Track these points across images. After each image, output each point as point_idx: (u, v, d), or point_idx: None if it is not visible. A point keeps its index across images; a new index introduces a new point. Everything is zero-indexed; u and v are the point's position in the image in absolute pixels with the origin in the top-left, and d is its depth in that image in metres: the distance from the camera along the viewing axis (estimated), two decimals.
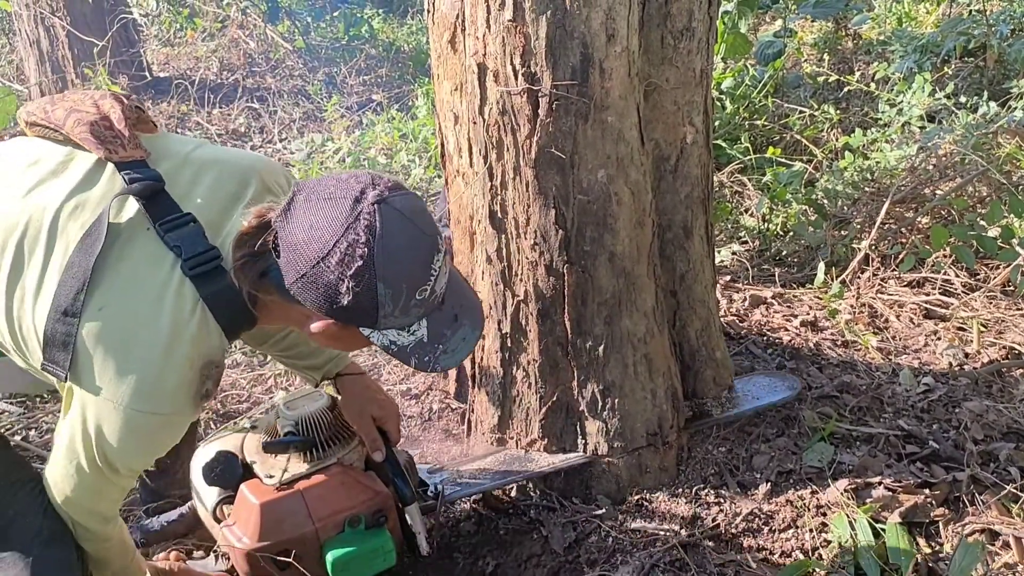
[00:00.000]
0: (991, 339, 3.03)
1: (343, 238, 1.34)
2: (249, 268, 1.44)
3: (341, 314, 1.40)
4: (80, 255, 1.43)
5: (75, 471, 1.52)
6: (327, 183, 1.41)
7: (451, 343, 1.51)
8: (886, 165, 3.97)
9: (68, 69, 6.23)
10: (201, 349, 1.47)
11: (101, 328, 1.41)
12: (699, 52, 2.20)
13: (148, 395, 1.43)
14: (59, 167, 1.53)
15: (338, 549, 1.82)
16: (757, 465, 2.36)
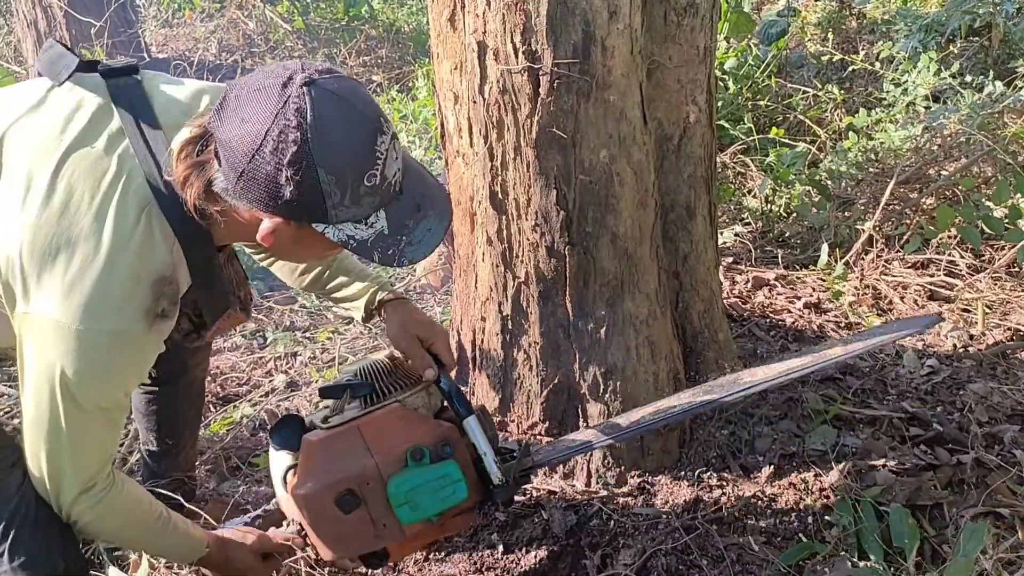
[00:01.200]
0: (996, 320, 3.01)
1: (273, 125, 1.29)
2: (194, 179, 1.39)
3: (288, 209, 1.35)
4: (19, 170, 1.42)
5: (44, 420, 1.47)
6: (256, 76, 1.36)
7: (416, 234, 1.45)
8: (890, 145, 3.93)
9: None
10: (147, 262, 1.42)
11: (41, 245, 1.37)
12: (702, 29, 2.17)
13: (95, 310, 1.38)
14: (16, 99, 1.52)
15: (400, 480, 1.72)
16: (760, 448, 2.35)
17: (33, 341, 1.42)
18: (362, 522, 1.73)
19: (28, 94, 1.51)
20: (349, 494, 1.70)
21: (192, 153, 1.39)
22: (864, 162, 3.93)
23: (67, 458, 1.52)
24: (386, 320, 1.96)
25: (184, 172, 1.39)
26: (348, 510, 1.71)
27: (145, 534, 1.70)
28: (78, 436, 1.50)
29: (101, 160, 1.42)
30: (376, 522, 1.74)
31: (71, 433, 1.48)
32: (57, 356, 1.40)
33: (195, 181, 1.39)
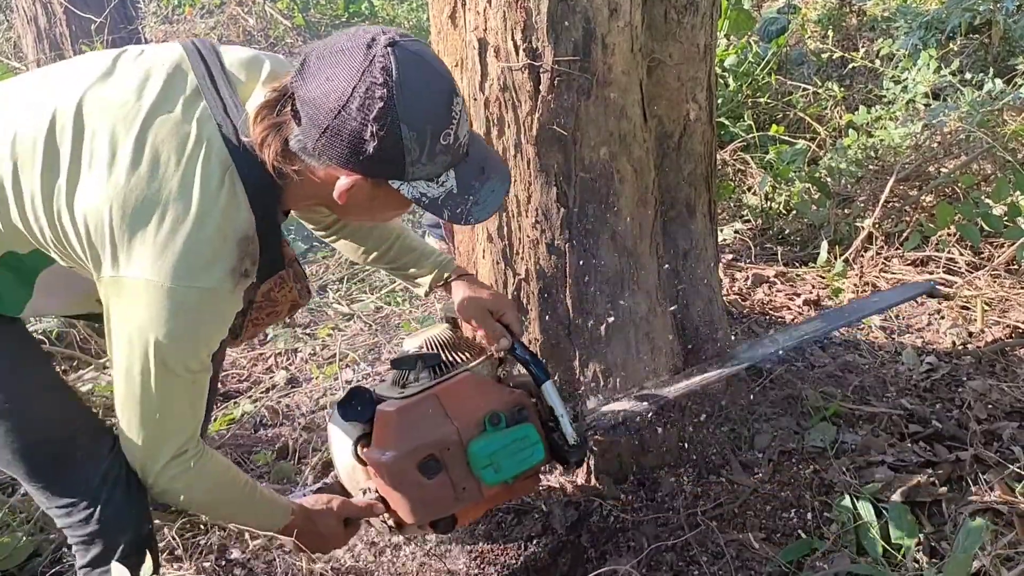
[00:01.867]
0: (995, 318, 3.01)
1: (360, 82, 1.34)
2: (272, 139, 1.43)
3: (369, 165, 1.40)
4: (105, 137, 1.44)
5: (136, 385, 1.49)
6: (337, 38, 1.40)
7: (481, 194, 1.51)
8: (890, 143, 3.93)
9: (66, 46, 6.20)
10: (232, 221, 1.46)
11: (131, 209, 1.40)
12: (703, 27, 2.17)
13: (187, 269, 1.42)
14: (81, 71, 1.54)
15: (481, 443, 1.78)
16: (759, 445, 2.36)
17: (123, 304, 1.45)
18: (444, 486, 1.79)
19: (95, 64, 1.53)
20: (431, 459, 1.76)
21: (268, 115, 1.44)
22: (864, 159, 3.93)
23: (158, 424, 1.55)
24: (454, 294, 2.00)
25: (262, 133, 1.43)
26: (430, 475, 1.76)
27: (231, 502, 1.72)
28: (169, 401, 1.53)
29: (181, 125, 1.45)
30: (456, 486, 1.80)
31: (162, 398, 1.51)
32: (148, 316, 1.43)
33: (273, 141, 1.43)
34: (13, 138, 1.45)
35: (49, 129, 1.45)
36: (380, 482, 1.81)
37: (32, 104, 1.49)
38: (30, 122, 1.46)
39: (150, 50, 1.56)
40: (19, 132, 1.46)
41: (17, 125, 1.46)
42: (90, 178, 1.42)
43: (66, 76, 1.53)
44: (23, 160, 1.45)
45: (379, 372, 2.98)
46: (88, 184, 1.42)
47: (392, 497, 1.81)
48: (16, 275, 1.56)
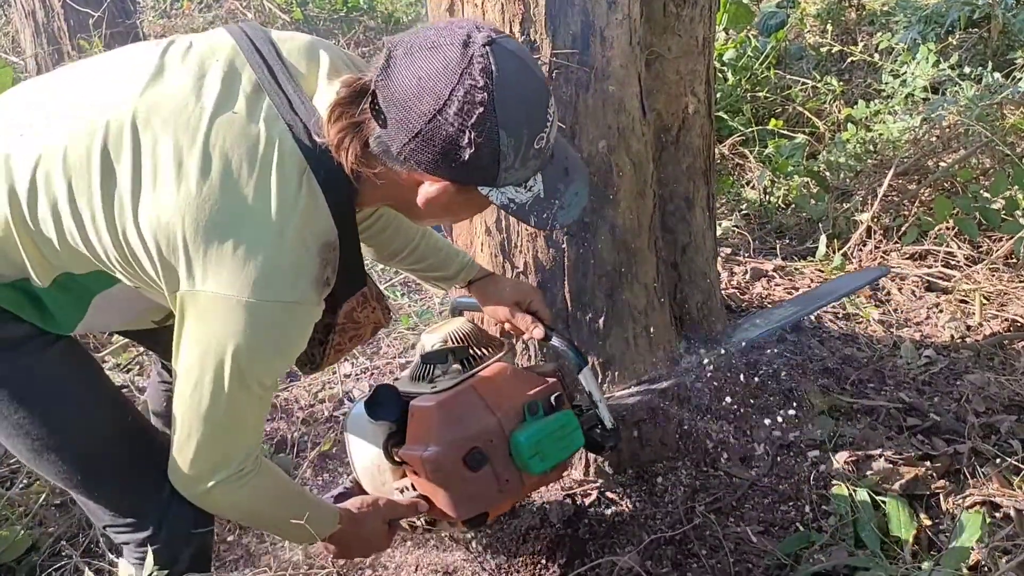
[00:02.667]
0: (993, 311, 3.02)
1: (459, 85, 1.23)
2: (351, 141, 1.33)
3: (460, 172, 1.31)
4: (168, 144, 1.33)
5: (204, 403, 1.40)
6: (425, 34, 1.29)
7: (566, 198, 1.43)
8: (889, 137, 3.93)
9: (64, 41, 6.17)
10: (313, 227, 1.37)
11: (205, 221, 1.30)
12: (701, 20, 2.17)
13: (268, 281, 1.32)
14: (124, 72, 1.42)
15: (526, 433, 1.74)
16: (758, 438, 2.36)
17: (200, 319, 1.36)
18: (488, 479, 1.74)
19: (142, 63, 1.41)
20: (476, 451, 1.70)
21: (345, 114, 1.33)
22: (863, 154, 3.93)
23: (221, 441, 1.46)
24: (479, 295, 1.96)
25: (338, 135, 1.33)
26: (476, 468, 1.71)
27: (280, 516, 1.62)
28: (236, 417, 1.44)
29: (248, 126, 1.35)
30: (499, 478, 1.75)
31: (230, 414, 1.42)
32: (228, 333, 1.34)
33: (352, 143, 1.33)
34: (64, 154, 1.34)
35: (103, 142, 1.33)
36: (421, 479, 1.75)
37: (78, 115, 1.37)
38: (80, 136, 1.34)
39: (198, 42, 1.44)
40: (70, 147, 1.34)
41: (66, 140, 1.35)
42: (157, 191, 1.32)
43: (112, 80, 1.41)
44: (78, 178, 1.34)
45: (378, 367, 2.99)
46: (155, 198, 1.32)
47: (436, 493, 1.75)
48: (71, 296, 1.47)
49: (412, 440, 1.75)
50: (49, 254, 1.38)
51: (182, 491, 1.50)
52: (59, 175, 1.33)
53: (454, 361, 1.84)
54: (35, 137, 1.36)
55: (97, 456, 1.55)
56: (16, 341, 1.45)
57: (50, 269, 1.41)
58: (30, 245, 1.37)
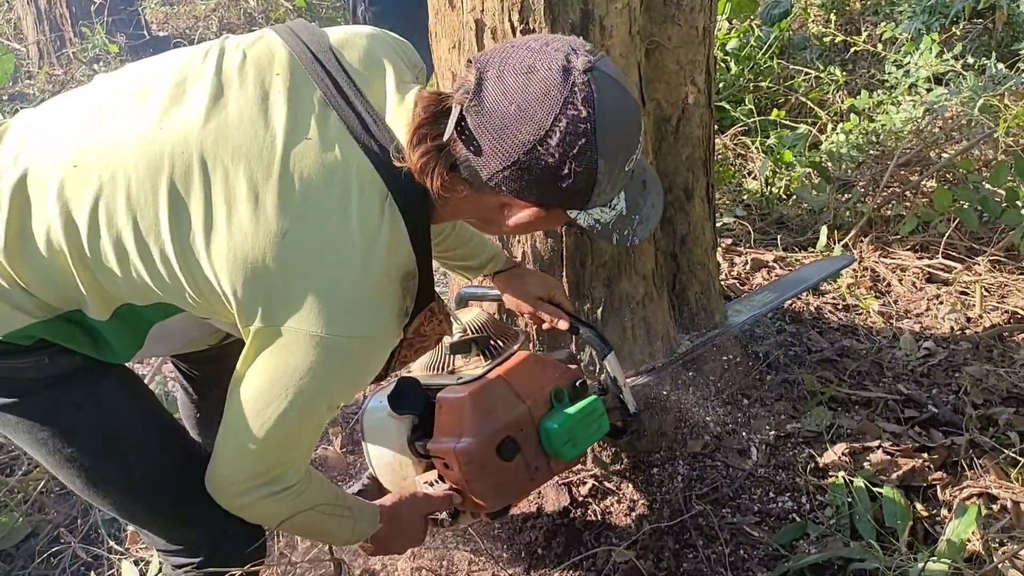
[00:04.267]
0: (993, 303, 3.01)
1: (561, 114, 1.19)
2: (435, 164, 1.27)
3: (553, 198, 1.28)
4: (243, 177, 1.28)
5: (267, 420, 1.35)
6: (518, 55, 1.24)
7: (643, 211, 1.42)
8: (891, 127, 3.92)
9: (66, 27, 6.18)
10: (396, 258, 1.33)
11: (287, 257, 1.26)
12: (702, 10, 2.16)
13: (350, 318, 1.29)
14: (176, 91, 1.35)
15: (557, 419, 1.74)
16: (755, 428, 2.36)
17: (273, 352, 1.31)
18: (520, 467, 1.74)
19: (198, 82, 1.35)
20: (509, 441, 1.70)
21: (428, 136, 1.27)
22: (865, 144, 3.92)
23: (277, 461, 1.42)
24: (503, 286, 1.96)
25: (422, 159, 1.27)
26: (509, 457, 1.70)
27: (324, 524, 1.58)
28: (295, 441, 1.41)
29: (323, 152, 1.29)
30: (530, 466, 1.75)
31: (290, 438, 1.39)
32: (304, 368, 1.30)
33: (437, 168, 1.27)
34: (127, 190, 1.28)
35: (170, 179, 1.28)
36: (452, 471, 1.73)
37: (138, 144, 1.30)
38: (143, 170, 1.29)
39: (251, 52, 1.37)
40: (132, 182, 1.28)
41: (129, 173, 1.29)
42: (232, 227, 1.26)
43: (167, 102, 1.34)
44: (143, 214, 1.28)
45: None
46: (231, 234, 1.26)
47: (469, 484, 1.72)
48: (129, 327, 1.43)
49: (441, 432, 1.73)
50: (109, 287, 1.34)
51: (219, 500, 1.46)
52: (122, 211, 1.28)
53: (476, 351, 1.83)
54: (92, 167, 1.30)
55: (151, 486, 1.52)
56: (66, 374, 1.41)
57: (110, 301, 1.37)
58: (87, 277, 1.32)
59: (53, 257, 1.30)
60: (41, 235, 1.30)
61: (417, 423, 1.79)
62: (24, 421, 1.42)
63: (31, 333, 1.35)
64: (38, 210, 1.30)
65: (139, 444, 1.50)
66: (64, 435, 1.43)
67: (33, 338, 1.36)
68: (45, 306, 1.35)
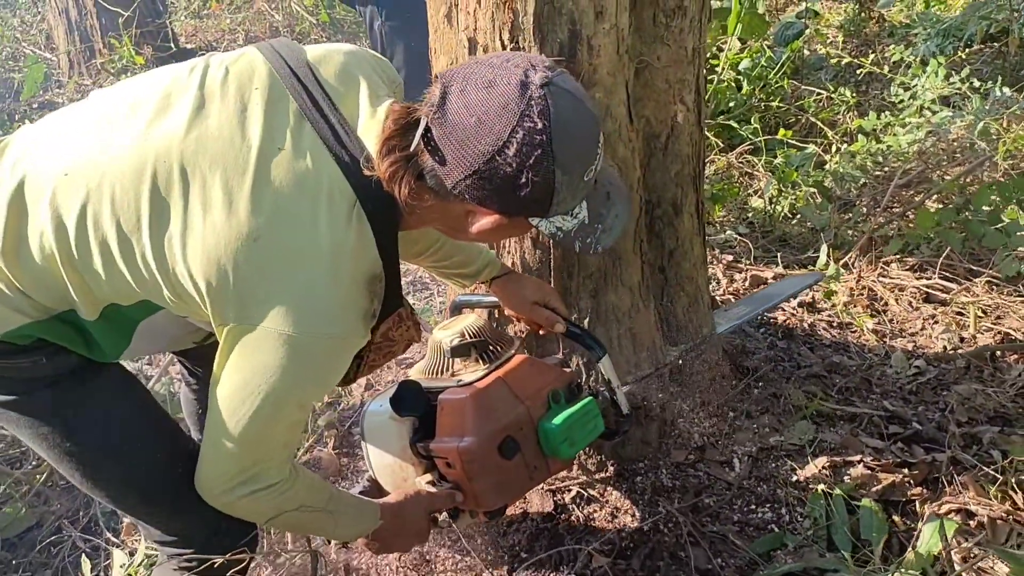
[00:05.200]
0: (988, 324, 3.03)
1: (518, 126, 1.26)
2: (403, 173, 1.34)
3: (514, 206, 1.35)
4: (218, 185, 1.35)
5: (240, 423, 1.41)
6: (479, 70, 1.31)
7: (607, 221, 1.48)
8: (897, 149, 3.95)
9: (96, 38, 6.34)
10: (362, 264, 1.41)
11: (258, 259, 1.33)
12: (691, 31, 2.22)
13: (317, 317, 1.35)
14: (161, 104, 1.43)
15: (555, 420, 1.81)
16: (739, 440, 2.40)
17: (244, 351, 1.37)
18: (520, 466, 1.81)
19: (181, 95, 1.43)
20: (510, 440, 1.77)
21: (396, 147, 1.35)
22: (871, 165, 3.95)
23: (254, 459, 1.47)
24: (500, 293, 2.03)
25: (390, 169, 1.34)
26: (510, 456, 1.77)
27: (315, 520, 1.64)
28: (270, 439, 1.46)
29: (296, 161, 1.37)
30: (529, 465, 1.82)
31: (265, 436, 1.45)
32: (273, 366, 1.36)
33: (405, 178, 1.35)
34: (112, 195, 1.36)
35: (152, 183, 1.36)
36: (454, 470, 1.79)
37: (123, 155, 1.38)
38: (128, 176, 1.36)
39: (233, 68, 1.46)
40: (117, 188, 1.36)
41: (114, 180, 1.37)
42: (206, 229, 1.34)
43: (153, 115, 1.42)
44: (127, 217, 1.36)
45: None
46: (204, 236, 1.34)
47: (471, 483, 1.78)
48: (116, 326, 1.50)
49: (444, 432, 1.79)
50: (95, 288, 1.41)
51: (207, 499, 1.52)
52: (107, 215, 1.36)
53: (475, 355, 1.90)
54: (81, 175, 1.38)
55: (147, 480, 1.60)
56: (64, 373, 1.49)
57: (96, 302, 1.44)
58: (76, 279, 1.40)
59: (45, 261, 1.38)
60: (35, 240, 1.38)
61: (418, 425, 1.85)
62: (25, 418, 1.50)
63: (28, 333, 1.43)
64: (33, 216, 1.38)
65: (135, 440, 1.57)
66: (64, 431, 1.51)
67: (31, 337, 1.44)
68: (41, 307, 1.43)
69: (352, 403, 2.89)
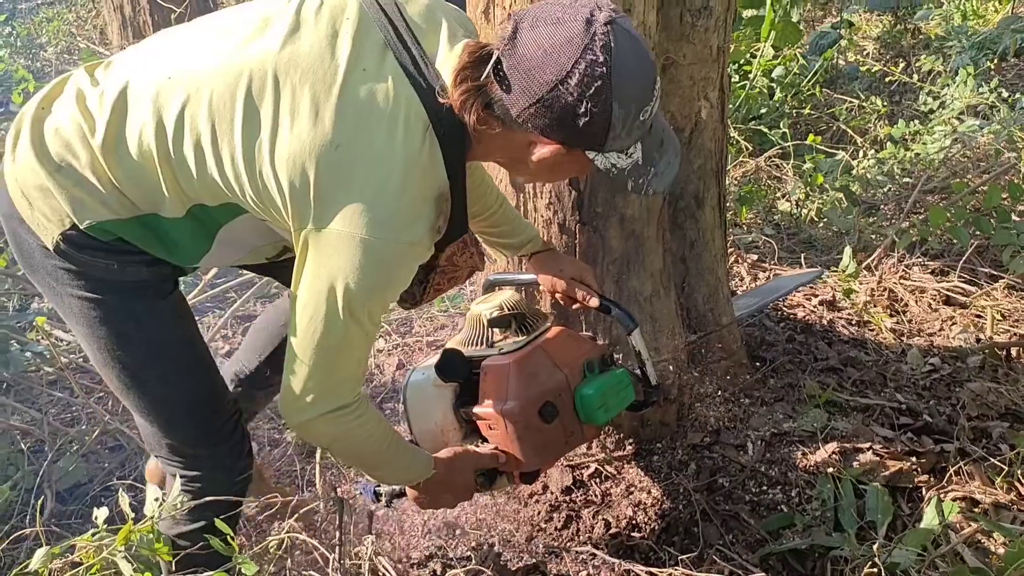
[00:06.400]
0: (1006, 327, 3.09)
1: (581, 59, 1.37)
2: (473, 101, 1.46)
3: (573, 136, 1.45)
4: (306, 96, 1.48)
5: (317, 334, 1.53)
6: (549, 9, 1.42)
7: (659, 166, 1.57)
8: (925, 156, 4.02)
9: (148, 34, 6.55)
10: (431, 180, 1.52)
11: (338, 165, 1.45)
12: (716, 30, 2.33)
13: (389, 223, 1.46)
14: (260, 25, 1.56)
15: (591, 387, 1.93)
16: (754, 425, 2.49)
17: (321, 254, 1.49)
18: (559, 430, 1.93)
19: (279, 19, 1.55)
20: (550, 405, 1.89)
21: (469, 78, 1.45)
22: (898, 172, 4.03)
23: (330, 373, 1.58)
24: (539, 267, 2.13)
25: (462, 96, 1.45)
26: (549, 420, 1.89)
27: (374, 456, 1.75)
28: (346, 350, 1.57)
29: (378, 83, 1.48)
30: (567, 430, 1.94)
31: (340, 346, 1.55)
32: (347, 267, 1.47)
33: (475, 105, 1.46)
34: (209, 98, 1.49)
35: (247, 90, 1.49)
36: (497, 431, 1.90)
37: (222, 63, 1.52)
38: (225, 83, 1.50)
39: (327, 2, 1.58)
40: (215, 93, 1.49)
41: (212, 85, 1.50)
42: (293, 133, 1.46)
43: (251, 33, 1.55)
44: (221, 120, 1.49)
45: (408, 343, 3.19)
46: (292, 139, 1.46)
47: (512, 444, 1.89)
48: (200, 227, 1.62)
49: (487, 397, 1.91)
50: (186, 186, 1.54)
51: (289, 420, 1.65)
52: (204, 116, 1.50)
53: (515, 326, 2.01)
54: (183, 80, 1.52)
55: (177, 406, 1.76)
56: (135, 285, 1.64)
57: (185, 200, 1.57)
58: (169, 174, 1.53)
59: (142, 157, 1.52)
60: (134, 137, 1.52)
61: (459, 391, 1.98)
62: (88, 316, 1.64)
63: (110, 229, 1.57)
64: (134, 113, 1.53)
65: (179, 367, 1.73)
66: (118, 339, 1.66)
67: (112, 235, 1.58)
68: (128, 205, 1.56)
69: (384, 380, 3.02)
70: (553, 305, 2.27)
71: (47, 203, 1.55)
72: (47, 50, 7.74)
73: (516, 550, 2.25)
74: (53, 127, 1.56)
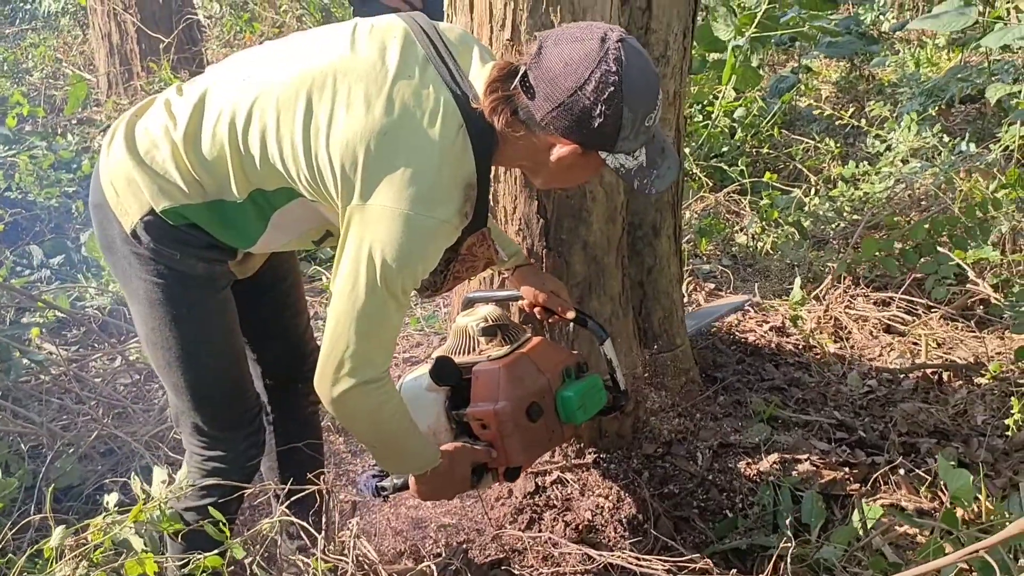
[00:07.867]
0: (940, 353, 3.34)
1: (597, 69, 1.61)
2: (502, 108, 1.70)
3: (588, 137, 1.68)
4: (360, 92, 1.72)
5: (357, 304, 1.72)
6: (569, 30, 1.69)
7: (660, 170, 1.80)
8: (872, 195, 4.31)
9: (135, 62, 6.72)
10: (462, 169, 1.74)
11: (384, 147, 1.68)
12: (673, 77, 2.57)
13: (425, 200, 1.68)
14: (320, 46, 1.83)
15: (571, 390, 2.14)
16: (703, 437, 2.71)
17: (363, 226, 1.71)
18: (543, 429, 2.14)
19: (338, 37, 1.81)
20: (535, 405, 2.10)
21: (499, 88, 1.70)
22: (847, 209, 4.31)
23: (368, 339, 1.76)
24: (522, 279, 2.31)
25: (492, 103, 1.70)
26: (535, 419, 2.10)
27: (391, 439, 1.93)
28: (380, 321, 1.77)
29: (421, 87, 1.73)
30: (549, 428, 2.15)
31: (379, 315, 1.75)
32: (386, 236, 1.69)
33: (503, 110, 1.70)
34: (277, 95, 1.75)
35: (309, 87, 1.73)
36: (489, 431, 2.08)
37: (290, 70, 1.77)
38: (290, 82, 1.75)
39: (378, 24, 1.83)
40: (282, 91, 1.75)
41: (280, 85, 1.76)
42: (347, 123, 1.70)
43: (314, 49, 1.82)
44: (285, 110, 1.74)
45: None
46: (346, 125, 1.70)
47: (503, 441, 2.08)
48: (258, 211, 1.84)
49: (478, 399, 2.11)
50: (250, 172, 1.78)
51: (323, 392, 1.82)
52: (271, 109, 1.75)
53: (500, 336, 2.23)
54: (256, 82, 1.79)
55: (210, 388, 2.01)
56: (193, 277, 1.88)
57: (247, 185, 1.80)
58: (237, 163, 1.77)
59: (215, 146, 1.78)
60: (209, 128, 1.78)
61: (450, 395, 2.18)
62: (149, 297, 1.89)
63: (182, 212, 1.81)
64: (210, 110, 1.79)
65: (217, 353, 1.99)
66: (171, 323, 1.90)
67: (183, 218, 1.82)
68: (200, 191, 1.81)
69: None
70: (524, 319, 2.48)
71: (131, 191, 1.81)
72: (32, 75, 7.91)
73: (483, 546, 2.44)
74: (143, 127, 1.84)
